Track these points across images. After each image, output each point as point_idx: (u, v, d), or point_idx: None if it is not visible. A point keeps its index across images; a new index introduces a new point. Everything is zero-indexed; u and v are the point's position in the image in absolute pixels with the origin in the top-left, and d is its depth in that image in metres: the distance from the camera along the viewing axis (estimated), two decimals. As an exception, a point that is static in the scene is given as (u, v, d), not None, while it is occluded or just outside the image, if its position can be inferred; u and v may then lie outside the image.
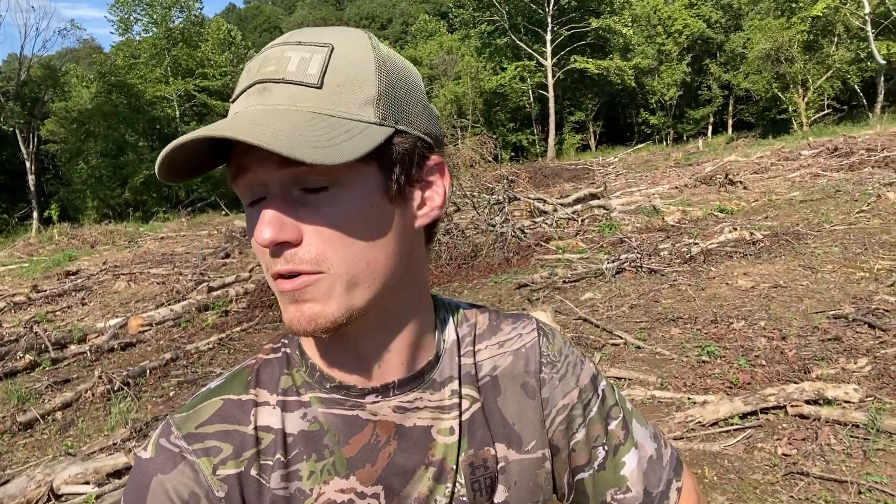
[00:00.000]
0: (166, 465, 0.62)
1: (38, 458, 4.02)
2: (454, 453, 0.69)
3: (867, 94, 28.72)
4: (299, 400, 0.66)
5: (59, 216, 29.84)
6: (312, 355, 0.68)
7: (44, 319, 8.00)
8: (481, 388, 0.73)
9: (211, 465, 0.62)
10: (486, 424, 0.71)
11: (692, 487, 0.81)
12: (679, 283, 6.18)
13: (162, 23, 37.00)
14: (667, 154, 24.05)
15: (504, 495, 0.71)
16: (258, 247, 0.58)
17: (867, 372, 3.76)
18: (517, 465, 0.72)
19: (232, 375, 0.69)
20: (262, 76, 0.58)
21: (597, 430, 0.76)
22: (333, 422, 0.66)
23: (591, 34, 35.14)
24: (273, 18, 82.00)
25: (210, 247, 13.18)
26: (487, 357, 0.74)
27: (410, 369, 0.68)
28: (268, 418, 0.65)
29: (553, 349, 0.78)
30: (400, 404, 0.67)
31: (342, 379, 0.66)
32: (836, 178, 11.15)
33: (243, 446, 0.63)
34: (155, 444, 0.63)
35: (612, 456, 0.76)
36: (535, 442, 0.73)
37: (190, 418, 0.64)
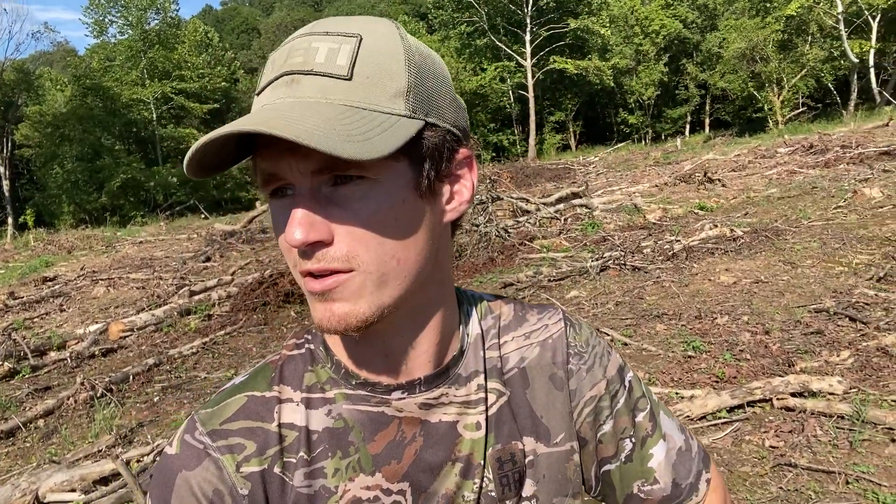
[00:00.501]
0: (191, 461, 0.62)
1: (22, 467, 3.95)
2: (481, 448, 0.68)
3: (841, 92, 29.26)
4: (324, 397, 0.66)
5: (35, 221, 29.43)
6: (338, 352, 0.67)
7: (22, 326, 7.85)
8: (509, 381, 0.72)
9: (235, 463, 0.62)
10: (513, 418, 0.70)
11: (720, 480, 0.80)
12: (663, 280, 6.24)
13: (138, 25, 36.61)
14: (646, 153, 24.26)
15: (533, 489, 0.70)
16: (285, 244, 0.58)
17: (850, 364, 3.83)
18: (546, 458, 0.71)
19: (256, 371, 0.68)
20: (290, 67, 0.56)
21: (624, 422, 0.75)
22: (359, 418, 0.65)
23: (569, 35, 35.40)
24: (250, 20, 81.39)
25: (190, 250, 13.03)
26: (514, 349, 0.74)
27: (436, 365, 0.67)
28: (291, 415, 0.65)
29: (580, 340, 0.77)
30: (426, 401, 0.67)
31: (368, 376, 0.66)
32: (812, 174, 11.32)
33: (267, 443, 0.63)
34: (180, 440, 0.63)
35: (639, 448, 0.75)
36: (564, 434, 0.73)
37: (215, 414, 0.64)
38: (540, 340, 0.75)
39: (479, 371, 0.70)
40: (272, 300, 7.18)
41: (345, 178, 0.55)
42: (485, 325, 0.74)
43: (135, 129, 37.09)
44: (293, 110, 0.53)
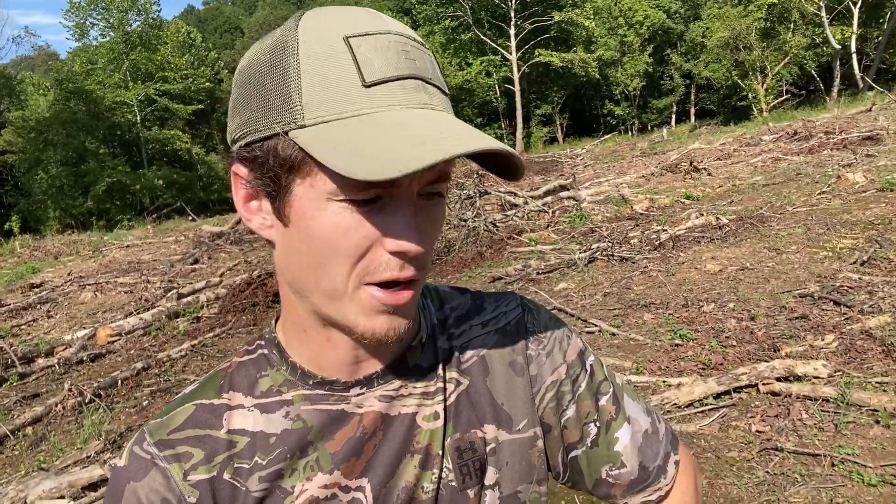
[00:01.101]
0: (138, 472, 0.62)
1: (10, 475, 3.92)
2: (439, 438, 0.68)
3: (824, 79, 29.41)
4: (281, 399, 0.66)
5: (21, 228, 29.11)
6: (295, 353, 0.67)
7: (9, 334, 7.79)
8: (467, 370, 0.71)
9: (182, 471, 0.62)
10: (472, 407, 0.70)
11: (689, 462, 0.80)
12: (650, 270, 6.27)
13: (119, 27, 36.23)
14: (632, 144, 24.33)
15: (495, 477, 0.70)
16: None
17: (834, 348, 3.86)
18: (508, 445, 0.71)
19: (205, 380, 0.68)
20: (418, 72, 0.56)
21: (587, 406, 0.74)
22: (318, 418, 0.65)
23: (553, 27, 35.41)
24: (233, 19, 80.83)
25: (178, 253, 12.95)
26: (472, 338, 0.73)
27: (393, 358, 0.68)
28: (242, 421, 0.65)
29: (538, 325, 0.76)
30: (385, 393, 0.67)
31: (325, 374, 0.66)
32: (796, 161, 11.40)
33: (215, 451, 0.63)
34: (129, 452, 0.64)
35: (604, 432, 0.75)
36: (527, 421, 0.72)
37: (162, 425, 0.64)
38: (498, 328, 0.75)
39: (436, 362, 0.70)
40: (261, 301, 7.16)
41: (431, 195, 0.58)
42: (441, 315, 0.74)
43: (119, 132, 36.76)
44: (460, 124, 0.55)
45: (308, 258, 0.57)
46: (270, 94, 0.55)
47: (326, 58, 0.54)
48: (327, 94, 0.53)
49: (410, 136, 0.50)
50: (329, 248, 0.56)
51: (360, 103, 0.53)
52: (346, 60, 0.54)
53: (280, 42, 0.56)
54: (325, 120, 0.53)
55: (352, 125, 0.52)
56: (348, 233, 0.55)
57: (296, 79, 0.54)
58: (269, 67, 0.56)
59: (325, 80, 0.53)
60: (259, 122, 0.56)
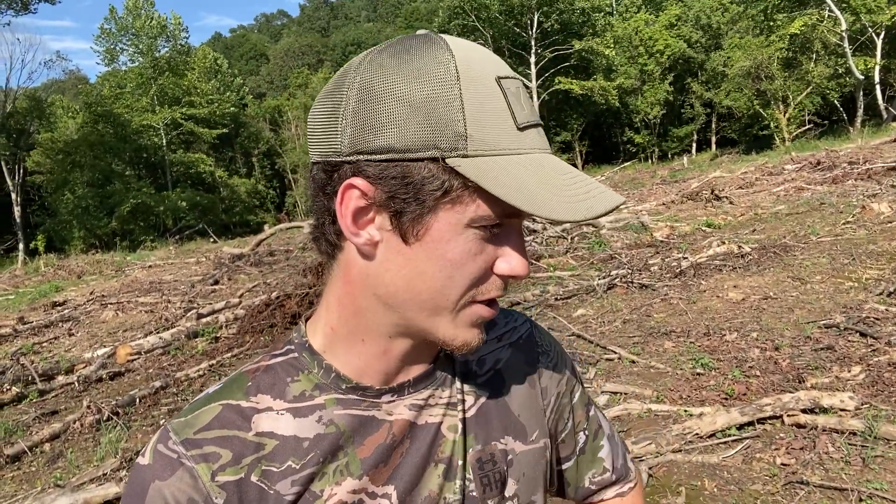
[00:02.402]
0: (164, 471, 0.61)
1: (27, 491, 3.93)
2: (461, 449, 0.69)
3: (847, 109, 29.22)
4: (313, 404, 0.66)
5: (46, 247, 29.66)
6: (332, 357, 0.67)
7: (31, 351, 7.88)
8: (485, 383, 0.74)
9: (210, 471, 0.61)
10: (491, 419, 0.73)
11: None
12: (670, 297, 6.20)
13: (148, 52, 37.19)
14: (652, 171, 24.29)
15: (514, 488, 0.72)
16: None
17: (861, 380, 3.77)
18: (524, 456, 0.74)
19: (231, 380, 0.68)
20: (536, 119, 0.60)
21: (580, 416, 0.82)
22: (349, 423, 0.66)
23: (574, 56, 35.68)
24: (259, 46, 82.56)
25: (199, 274, 13.08)
26: (488, 352, 0.76)
27: (423, 367, 0.69)
28: (271, 424, 0.64)
29: (545, 340, 0.82)
30: (414, 402, 0.68)
31: (360, 379, 0.66)
32: (820, 191, 11.28)
33: (243, 452, 0.63)
34: (153, 450, 0.63)
35: (591, 440, 0.83)
36: (538, 431, 0.76)
37: (188, 424, 0.63)
38: (511, 342, 0.79)
39: (456, 374, 0.72)
40: (279, 322, 7.18)
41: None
42: None
43: (145, 155, 37.50)
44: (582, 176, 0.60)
45: (426, 277, 0.59)
46: (429, 116, 0.55)
47: (488, 94, 0.56)
48: (490, 130, 0.56)
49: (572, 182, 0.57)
50: (457, 270, 0.59)
51: (516, 143, 0.57)
52: (501, 100, 0.57)
53: (427, 64, 0.56)
54: (489, 153, 0.55)
55: (511, 163, 0.56)
56: (476, 258, 0.59)
57: (459, 108, 0.55)
58: (422, 91, 0.55)
59: (488, 115, 0.56)
60: (410, 142, 0.55)
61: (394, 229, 0.58)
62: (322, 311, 0.68)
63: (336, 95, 0.59)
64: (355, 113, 0.57)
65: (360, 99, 0.57)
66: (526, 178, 0.55)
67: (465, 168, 0.54)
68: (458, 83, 0.55)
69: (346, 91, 0.58)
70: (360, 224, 0.59)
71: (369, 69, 0.57)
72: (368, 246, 0.60)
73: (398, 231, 0.58)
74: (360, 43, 77.04)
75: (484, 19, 36.35)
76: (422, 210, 0.57)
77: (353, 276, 0.63)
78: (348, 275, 0.63)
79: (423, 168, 0.55)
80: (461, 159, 0.55)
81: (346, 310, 0.65)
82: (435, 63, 0.56)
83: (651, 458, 3.26)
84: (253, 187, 43.83)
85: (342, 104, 0.58)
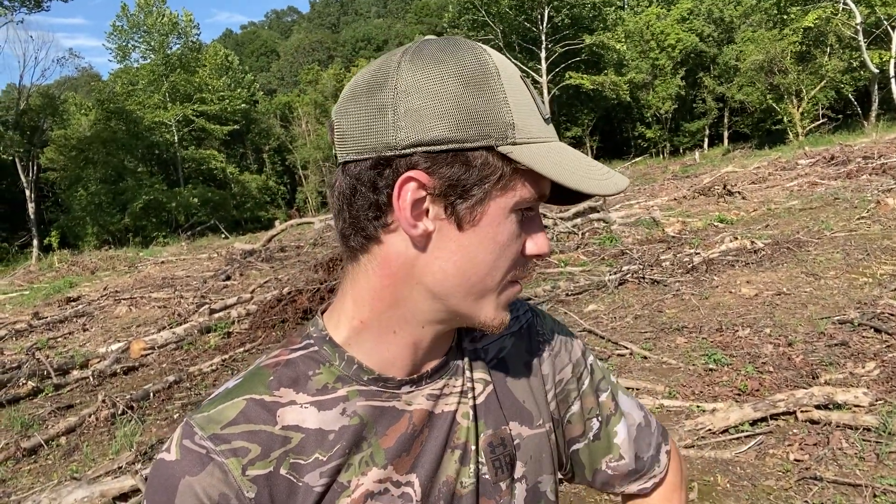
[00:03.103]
0: (194, 466, 0.61)
1: (43, 484, 3.98)
2: (474, 435, 0.72)
3: (861, 103, 28.93)
4: (336, 396, 0.67)
5: (60, 243, 29.90)
6: (355, 350, 0.68)
7: (45, 346, 7.97)
8: (491, 371, 0.77)
9: (240, 466, 0.62)
10: (499, 405, 0.75)
11: (677, 451, 0.88)
12: (682, 293, 6.17)
13: (160, 49, 37.36)
14: (664, 167, 24.16)
15: (522, 470, 0.75)
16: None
17: (875, 375, 3.75)
18: (530, 440, 0.76)
19: (251, 374, 0.68)
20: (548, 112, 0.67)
21: (590, 402, 0.83)
22: (372, 414, 0.67)
23: (585, 50, 35.52)
24: (269, 43, 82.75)
25: (210, 270, 13.16)
26: (492, 341, 0.79)
27: (439, 359, 0.72)
28: (296, 417, 0.65)
29: (546, 328, 0.84)
30: (431, 392, 0.71)
31: (382, 371, 0.68)
32: (834, 185, 11.18)
33: (271, 446, 0.63)
34: (178, 445, 0.63)
35: (605, 426, 0.83)
36: (544, 416, 0.79)
37: (213, 419, 0.63)
38: (513, 331, 0.81)
39: (466, 362, 0.75)
40: (290, 317, 7.22)
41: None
42: None
43: (157, 152, 37.72)
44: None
45: (476, 260, 0.63)
46: (478, 109, 0.59)
47: (521, 90, 0.63)
48: (528, 120, 0.62)
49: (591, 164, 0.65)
50: (503, 252, 0.64)
51: (545, 133, 0.64)
52: (528, 95, 0.63)
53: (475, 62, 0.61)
54: (530, 141, 0.61)
55: (549, 149, 0.63)
56: (517, 240, 0.64)
57: (504, 100, 0.60)
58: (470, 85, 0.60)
59: (524, 107, 0.62)
60: (463, 134, 0.59)
61: (448, 217, 0.62)
62: (346, 304, 0.69)
63: (379, 94, 0.60)
64: (407, 109, 0.59)
65: (409, 95, 0.59)
66: (563, 161, 0.62)
67: (517, 154, 0.60)
68: (500, 78, 0.61)
69: (390, 89, 0.60)
70: (417, 215, 0.61)
71: (412, 68, 0.60)
72: (423, 237, 0.62)
73: (454, 219, 0.62)
74: (369, 39, 77.05)
75: (494, 14, 36.22)
76: (480, 196, 0.61)
77: (395, 268, 0.64)
78: (387, 267, 0.64)
79: (480, 156, 0.60)
80: (511, 146, 0.60)
81: (382, 302, 0.66)
82: (477, 61, 0.61)
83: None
84: (264, 183, 44.00)
85: (389, 101, 0.60)
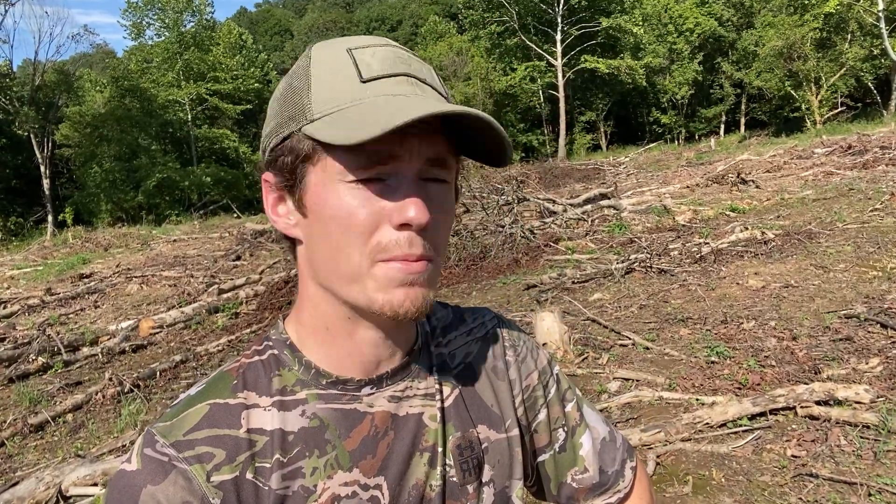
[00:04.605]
0: (156, 475, 0.60)
1: (49, 460, 4.06)
2: (442, 437, 0.71)
3: (881, 92, 28.42)
4: (296, 398, 0.67)
5: (74, 219, 30.16)
6: (310, 352, 0.68)
7: (57, 322, 8.08)
8: (458, 375, 0.76)
9: (205, 472, 0.61)
10: (466, 408, 0.75)
11: (643, 471, 0.89)
12: (689, 284, 6.14)
13: (174, 27, 37.27)
14: (678, 153, 23.93)
15: (490, 474, 0.74)
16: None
17: (878, 372, 3.72)
18: (498, 444, 0.76)
19: (213, 380, 0.68)
20: (412, 72, 0.63)
21: (556, 412, 0.82)
22: (333, 416, 0.67)
23: (601, 34, 35.04)
24: (283, 21, 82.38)
25: (221, 249, 13.26)
26: (459, 346, 0.79)
27: (399, 359, 0.71)
28: (260, 420, 0.65)
29: (513, 335, 0.83)
30: (393, 394, 0.70)
31: (340, 373, 0.68)
32: (849, 176, 11.03)
33: (237, 450, 0.63)
34: (139, 454, 0.61)
35: (570, 437, 0.82)
36: (511, 420, 0.78)
37: (175, 426, 0.63)
38: (480, 336, 0.81)
39: (432, 366, 0.75)
40: (297, 299, 7.26)
41: (434, 178, 0.63)
42: (429, 325, 0.79)
43: (170, 130, 37.77)
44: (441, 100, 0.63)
45: (327, 243, 0.62)
46: (287, 104, 0.64)
47: (330, 64, 0.63)
48: (329, 92, 0.61)
49: (395, 107, 0.57)
50: (342, 228, 0.60)
51: (358, 94, 0.61)
52: (348, 65, 0.62)
53: (297, 66, 0.66)
54: (329, 112, 0.61)
55: (350, 112, 0.60)
56: (357, 210, 0.60)
57: (306, 87, 0.63)
58: (288, 86, 0.65)
59: (328, 81, 0.62)
60: (278, 129, 0.64)
61: (298, 208, 0.64)
62: (294, 307, 0.71)
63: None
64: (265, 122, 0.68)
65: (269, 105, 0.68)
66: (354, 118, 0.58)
67: (310, 129, 0.61)
68: (306, 69, 0.63)
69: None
70: (279, 213, 0.67)
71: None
72: (291, 229, 0.66)
73: (297, 206, 0.64)
74: (384, 19, 76.47)
75: (510, -5, 35.82)
76: (297, 180, 0.63)
77: (301, 265, 0.68)
78: (301, 265, 0.68)
79: (290, 143, 0.62)
80: (309, 125, 0.61)
81: (307, 301, 0.69)
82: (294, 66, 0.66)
83: (660, 447, 3.26)
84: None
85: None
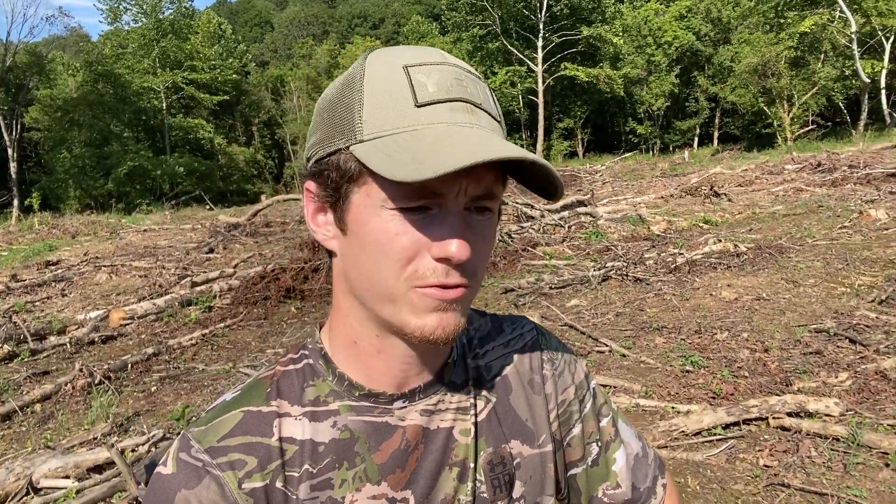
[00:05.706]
0: (190, 479, 0.61)
1: (17, 451, 3.96)
2: (473, 452, 0.71)
3: (851, 112, 29.19)
4: (328, 409, 0.67)
5: (41, 205, 29.46)
6: (345, 365, 0.68)
7: (23, 309, 7.88)
8: (493, 388, 0.75)
9: (237, 479, 0.62)
10: (500, 423, 0.74)
11: (674, 485, 0.87)
12: (664, 293, 6.24)
13: (152, 13, 36.68)
14: (653, 164, 24.24)
15: (521, 490, 0.74)
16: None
17: (847, 386, 3.82)
18: (531, 460, 0.75)
19: (248, 387, 0.68)
20: (467, 96, 0.61)
21: (591, 427, 0.81)
22: (364, 429, 0.67)
23: (581, 42, 35.39)
24: (264, 13, 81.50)
25: (194, 241, 13.05)
26: (495, 358, 0.78)
27: (432, 373, 0.70)
28: (291, 429, 0.65)
29: (551, 347, 0.82)
30: (426, 407, 0.69)
31: (372, 386, 0.67)
32: (818, 193, 11.30)
33: (268, 458, 0.63)
34: (175, 458, 0.62)
35: (604, 452, 0.81)
36: (545, 436, 0.77)
37: (209, 431, 0.64)
38: (517, 349, 0.80)
39: (467, 379, 0.74)
40: (273, 295, 7.20)
41: (481, 210, 0.62)
42: (466, 336, 0.78)
43: (144, 118, 37.14)
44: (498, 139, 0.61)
45: (364, 263, 0.62)
46: (337, 116, 0.62)
47: (385, 82, 0.60)
48: (383, 114, 0.59)
49: (448, 145, 0.55)
50: (380, 251, 0.60)
51: (412, 120, 0.58)
52: (403, 84, 0.59)
53: (350, 75, 0.63)
54: (380, 135, 0.59)
55: (402, 139, 0.57)
56: (397, 238, 0.59)
57: (359, 102, 0.60)
58: (339, 95, 0.63)
59: (382, 101, 0.59)
60: (327, 141, 0.63)
61: (338, 223, 0.64)
62: (329, 316, 0.71)
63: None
64: (309, 129, 0.68)
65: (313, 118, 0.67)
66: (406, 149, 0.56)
67: (359, 151, 0.59)
68: (360, 82, 0.61)
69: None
70: (318, 223, 0.66)
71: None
72: (329, 241, 0.66)
73: (338, 223, 0.64)
74: (365, 16, 76.16)
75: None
76: (340, 198, 0.62)
77: (336, 277, 0.68)
78: (335, 278, 0.68)
79: (337, 160, 0.61)
80: (358, 145, 0.59)
81: (338, 313, 0.68)
82: (346, 74, 0.64)
83: (636, 453, 3.31)
84: (252, 156, 43.51)
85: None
